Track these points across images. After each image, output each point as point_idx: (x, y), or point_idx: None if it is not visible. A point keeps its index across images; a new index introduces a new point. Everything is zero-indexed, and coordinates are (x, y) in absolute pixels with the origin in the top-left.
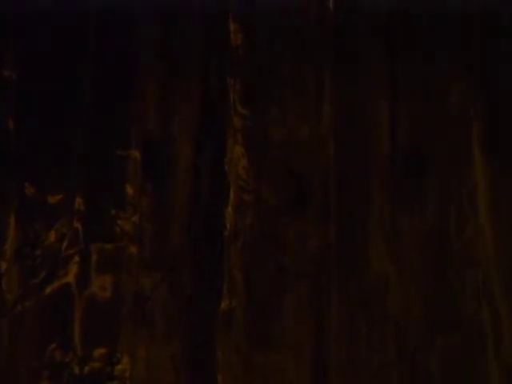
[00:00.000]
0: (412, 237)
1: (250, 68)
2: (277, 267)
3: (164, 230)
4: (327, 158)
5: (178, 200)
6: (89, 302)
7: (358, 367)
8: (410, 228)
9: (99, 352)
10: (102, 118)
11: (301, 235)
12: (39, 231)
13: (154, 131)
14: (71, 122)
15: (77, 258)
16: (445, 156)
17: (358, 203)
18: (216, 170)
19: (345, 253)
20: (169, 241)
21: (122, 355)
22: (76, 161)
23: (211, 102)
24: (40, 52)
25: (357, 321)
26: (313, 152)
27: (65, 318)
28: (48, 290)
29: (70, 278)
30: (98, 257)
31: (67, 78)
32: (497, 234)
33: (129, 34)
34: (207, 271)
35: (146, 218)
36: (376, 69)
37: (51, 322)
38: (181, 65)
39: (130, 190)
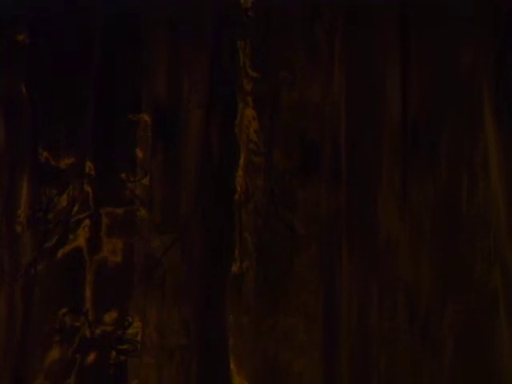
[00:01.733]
0: (423, 201)
1: (261, 31)
2: (287, 230)
3: (175, 193)
4: (338, 121)
5: (189, 163)
6: (100, 266)
7: (368, 331)
8: (422, 192)
9: (110, 316)
10: (112, 82)
11: (311, 198)
12: (52, 196)
13: (165, 95)
14: (82, 86)
15: (87, 222)
16: (456, 121)
17: (369, 167)
18: (226, 132)
19: (355, 217)
20: (179, 204)
21: (133, 319)
22: (87, 124)
23: (221, 65)
24: (52, 17)
25: (368, 285)
26: (324, 115)
27: (76, 282)
28: (60, 254)
29: (81, 242)
30: (109, 221)
31: (79, 43)
32: (509, 197)
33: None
34: (218, 234)
35: (156, 181)
36: (388, 33)
37: (63, 286)
38: (191, 28)
39: (140, 154)
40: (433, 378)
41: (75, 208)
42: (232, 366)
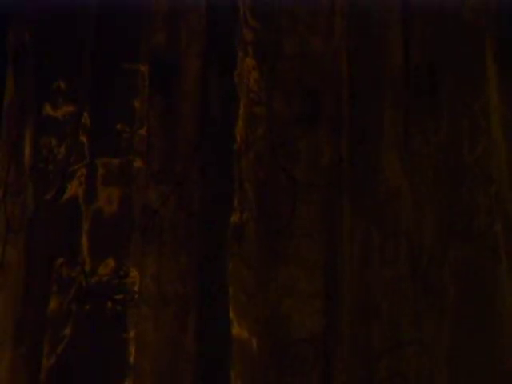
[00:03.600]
0: (425, 150)
1: None
2: (288, 180)
3: (172, 143)
4: (340, 70)
5: (187, 113)
6: (96, 216)
7: (370, 281)
8: (424, 142)
9: (106, 265)
10: (110, 31)
11: (313, 148)
12: (51, 146)
13: (162, 44)
14: (81, 36)
15: (83, 172)
16: (458, 69)
17: (371, 116)
18: (226, 82)
19: (357, 166)
20: (177, 154)
21: (129, 269)
22: (84, 74)
23: (220, 14)
24: None
25: (369, 235)
26: (325, 65)
27: (72, 232)
28: (58, 204)
29: (77, 192)
30: (104, 171)
31: None
32: (510, 148)
33: None
34: (217, 184)
35: (153, 131)
36: None
37: (60, 235)
38: None
39: (137, 104)
40: (434, 326)
41: (72, 158)
42: (232, 315)
